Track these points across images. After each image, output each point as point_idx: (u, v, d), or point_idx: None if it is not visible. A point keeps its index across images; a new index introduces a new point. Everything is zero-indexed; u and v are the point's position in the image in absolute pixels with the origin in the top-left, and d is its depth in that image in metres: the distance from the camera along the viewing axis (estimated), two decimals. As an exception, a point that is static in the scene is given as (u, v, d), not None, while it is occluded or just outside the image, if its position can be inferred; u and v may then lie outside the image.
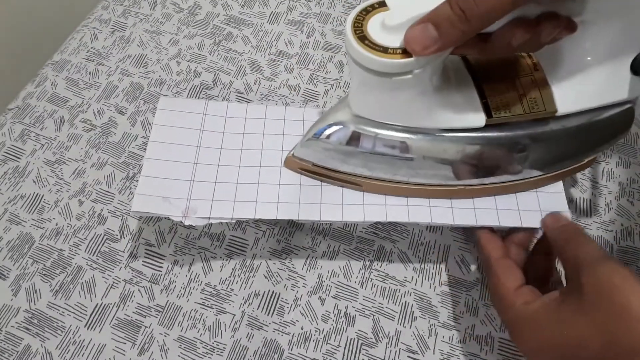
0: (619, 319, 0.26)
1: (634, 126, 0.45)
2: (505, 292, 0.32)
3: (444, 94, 0.32)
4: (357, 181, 0.35)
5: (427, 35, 0.26)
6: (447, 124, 0.33)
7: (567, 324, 0.28)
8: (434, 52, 0.26)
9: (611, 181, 0.42)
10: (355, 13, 0.29)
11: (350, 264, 0.39)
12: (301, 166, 0.36)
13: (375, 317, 0.37)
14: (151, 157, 0.36)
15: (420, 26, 0.26)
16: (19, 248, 0.38)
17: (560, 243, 0.33)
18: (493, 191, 0.36)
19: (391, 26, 0.27)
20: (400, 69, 0.28)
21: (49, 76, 0.46)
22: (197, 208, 0.34)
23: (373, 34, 0.28)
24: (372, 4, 0.29)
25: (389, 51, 0.27)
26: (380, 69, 0.28)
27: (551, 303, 0.29)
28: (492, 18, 0.26)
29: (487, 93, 0.33)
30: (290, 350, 0.36)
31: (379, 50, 0.27)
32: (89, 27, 0.49)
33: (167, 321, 0.36)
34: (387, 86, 0.29)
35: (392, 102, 0.31)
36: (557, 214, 0.35)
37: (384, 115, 0.32)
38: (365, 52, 0.27)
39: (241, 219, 0.35)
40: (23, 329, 0.36)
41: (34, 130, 0.43)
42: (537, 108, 0.33)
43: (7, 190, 0.40)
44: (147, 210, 0.34)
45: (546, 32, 0.27)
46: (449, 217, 0.35)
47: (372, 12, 0.29)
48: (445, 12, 0.25)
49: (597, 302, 0.27)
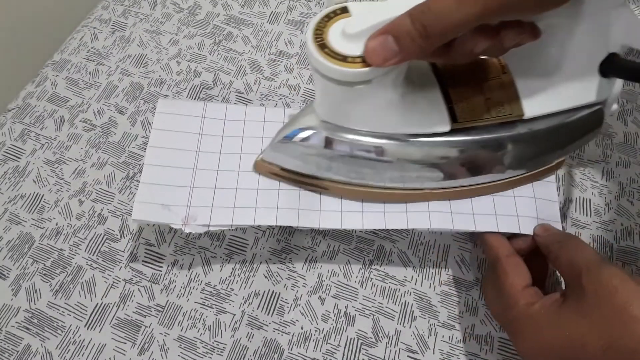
0: (619, 320, 0.26)
1: (634, 126, 0.45)
2: (511, 289, 0.32)
3: (409, 100, 0.32)
4: (324, 185, 0.35)
5: (387, 48, 0.25)
6: (412, 130, 0.33)
7: (568, 325, 0.28)
8: (394, 64, 0.26)
9: (611, 181, 0.42)
10: (316, 20, 0.28)
11: (350, 264, 0.39)
12: (270, 170, 0.35)
13: (375, 316, 0.37)
14: (150, 163, 0.36)
15: (381, 38, 0.25)
16: (19, 248, 0.38)
17: (553, 249, 0.33)
18: (465, 194, 0.36)
19: (351, 34, 0.27)
20: (359, 78, 0.27)
21: (49, 76, 0.46)
22: (197, 215, 0.34)
23: (333, 42, 0.27)
24: (335, 10, 0.28)
25: (348, 60, 0.27)
26: (339, 78, 0.27)
27: (552, 304, 0.30)
28: (453, 34, 0.25)
29: (453, 98, 0.33)
30: (290, 350, 0.36)
31: (338, 58, 0.27)
32: (89, 27, 0.49)
33: (167, 321, 0.36)
34: (348, 94, 0.29)
35: (356, 108, 0.31)
36: (547, 225, 0.36)
37: (349, 121, 0.32)
38: (324, 60, 0.27)
39: (241, 225, 0.35)
40: (23, 328, 0.36)
41: (34, 130, 0.43)
42: (503, 112, 0.33)
43: (7, 190, 0.40)
44: (147, 219, 0.34)
45: (508, 38, 0.27)
46: (448, 223, 0.35)
47: (334, 18, 0.28)
48: (406, 26, 0.25)
49: (598, 304, 0.27)
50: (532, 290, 0.31)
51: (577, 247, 0.31)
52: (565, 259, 0.31)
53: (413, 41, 0.25)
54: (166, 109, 0.38)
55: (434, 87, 0.33)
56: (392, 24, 0.25)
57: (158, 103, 0.38)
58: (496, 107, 0.33)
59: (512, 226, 0.35)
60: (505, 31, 0.27)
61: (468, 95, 0.33)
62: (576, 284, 0.29)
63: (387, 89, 0.30)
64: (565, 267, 0.31)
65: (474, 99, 0.33)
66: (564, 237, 0.33)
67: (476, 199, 0.36)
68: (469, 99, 0.33)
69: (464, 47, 0.27)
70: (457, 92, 0.33)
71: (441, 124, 0.32)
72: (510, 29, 0.27)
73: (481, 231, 0.35)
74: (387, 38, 0.25)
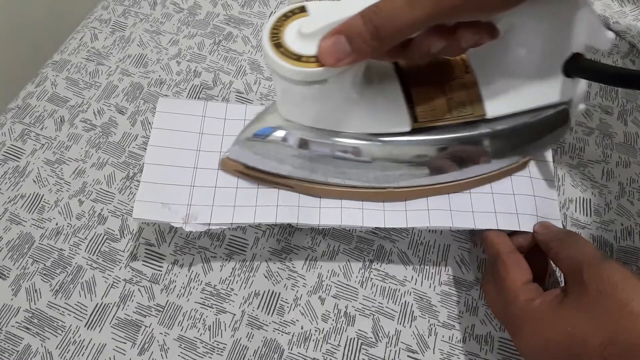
0: (619, 315, 0.26)
1: (634, 126, 0.45)
2: (512, 285, 0.32)
3: (369, 100, 0.32)
4: (290, 183, 0.35)
5: (340, 48, 0.25)
6: (373, 129, 0.33)
7: (569, 321, 0.28)
8: (347, 64, 0.26)
9: (611, 181, 0.42)
10: (274, 19, 0.28)
11: (350, 264, 0.39)
12: (234, 167, 0.36)
13: (375, 316, 0.37)
14: (151, 162, 0.36)
15: (333, 38, 0.25)
16: (19, 248, 0.38)
17: (553, 245, 0.33)
18: (424, 193, 0.36)
19: (306, 34, 0.27)
20: (313, 78, 0.27)
21: (49, 76, 0.46)
22: (198, 214, 0.34)
23: (289, 41, 0.27)
24: (293, 9, 0.28)
25: (303, 59, 0.27)
26: (294, 77, 0.27)
27: (553, 300, 0.30)
28: (405, 35, 0.25)
29: (415, 98, 0.33)
30: (290, 349, 0.36)
31: (292, 58, 0.27)
32: (89, 27, 0.49)
33: (167, 321, 0.36)
34: (304, 93, 0.29)
35: (314, 107, 0.31)
36: (546, 222, 0.36)
37: (309, 120, 0.32)
38: (278, 59, 0.27)
39: (241, 224, 0.35)
40: (23, 328, 0.36)
41: (34, 130, 0.43)
42: (464, 112, 0.33)
43: (7, 190, 0.40)
44: (148, 218, 0.34)
45: (465, 38, 0.27)
46: (447, 221, 0.35)
47: (291, 17, 0.28)
48: (358, 26, 0.25)
49: (599, 300, 0.27)
50: (532, 287, 0.31)
51: (577, 244, 0.31)
52: (566, 255, 0.31)
53: (365, 42, 0.25)
54: (166, 108, 0.38)
55: (395, 87, 0.33)
56: (345, 25, 0.25)
57: (158, 102, 0.38)
58: (458, 107, 0.33)
59: (512, 224, 0.35)
60: (462, 31, 0.27)
61: (430, 95, 0.33)
62: (577, 279, 0.29)
63: (345, 89, 0.30)
64: (566, 264, 0.31)
65: (436, 98, 0.33)
66: (564, 234, 0.34)
67: (476, 196, 0.36)
68: (431, 99, 0.33)
69: (420, 47, 0.27)
70: (418, 92, 0.33)
71: (402, 124, 0.32)
72: (467, 29, 0.27)
73: (481, 229, 0.35)
74: (339, 38, 0.25)
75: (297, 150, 0.33)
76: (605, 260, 0.29)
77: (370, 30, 0.24)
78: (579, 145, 0.44)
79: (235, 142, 0.35)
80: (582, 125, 0.45)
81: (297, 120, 0.32)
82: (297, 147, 0.33)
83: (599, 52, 0.49)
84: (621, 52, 0.49)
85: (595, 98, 0.46)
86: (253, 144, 0.34)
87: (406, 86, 0.33)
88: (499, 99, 0.33)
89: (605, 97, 0.46)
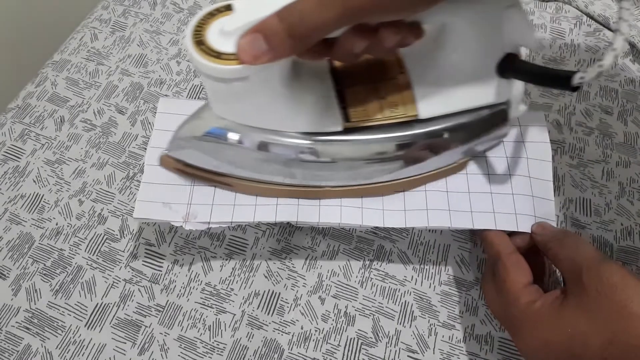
0: (619, 316, 0.27)
1: (634, 126, 0.45)
2: (512, 286, 0.32)
3: (302, 99, 0.32)
4: (228, 181, 0.35)
5: (256, 46, 0.25)
6: (305, 128, 0.33)
7: (569, 323, 0.28)
8: (266, 62, 0.26)
9: (611, 181, 0.42)
10: (199, 17, 0.28)
11: (350, 264, 0.39)
12: (174, 165, 0.35)
13: (375, 316, 0.37)
14: (151, 162, 0.36)
15: (251, 36, 0.25)
16: (19, 248, 0.38)
17: (552, 246, 0.33)
18: (359, 193, 0.36)
19: (228, 31, 0.27)
20: (233, 75, 0.27)
21: (49, 76, 0.46)
22: (198, 213, 0.35)
23: (211, 39, 0.27)
24: (219, 7, 0.28)
25: (223, 57, 0.27)
26: (213, 74, 0.27)
27: (553, 302, 0.30)
28: (319, 35, 0.25)
29: (348, 97, 0.33)
30: (290, 349, 0.36)
31: (212, 55, 0.27)
32: (89, 27, 0.49)
33: (167, 321, 0.36)
34: (227, 90, 0.29)
35: (241, 104, 0.31)
36: (544, 222, 0.36)
37: (239, 117, 0.32)
38: (198, 56, 0.27)
39: (241, 222, 0.35)
40: (23, 328, 0.36)
41: (34, 130, 0.43)
42: (397, 112, 0.33)
43: (7, 190, 0.40)
44: (149, 217, 0.34)
45: (387, 39, 0.27)
46: (446, 221, 0.35)
47: (217, 15, 0.28)
48: (274, 25, 0.25)
49: (599, 301, 0.28)
50: (533, 288, 0.32)
51: (576, 245, 0.31)
52: (565, 256, 0.31)
53: (281, 41, 0.25)
54: (167, 109, 0.38)
55: (328, 86, 0.33)
56: (262, 23, 0.25)
57: (159, 102, 0.38)
58: (391, 107, 0.33)
59: (510, 224, 0.35)
60: (383, 31, 0.27)
61: (363, 95, 0.33)
62: (577, 281, 0.29)
63: (271, 86, 0.30)
64: (565, 265, 0.31)
65: (369, 99, 0.33)
66: (563, 234, 0.33)
67: (475, 196, 0.36)
68: (364, 99, 0.33)
69: (343, 46, 0.27)
70: (352, 91, 0.33)
71: (333, 123, 0.32)
72: (388, 29, 0.27)
73: (479, 228, 0.35)
74: (257, 36, 0.25)
75: (232, 148, 0.33)
76: (605, 262, 0.29)
77: (285, 29, 0.25)
78: (579, 145, 0.44)
79: (172, 139, 0.34)
80: (582, 125, 0.45)
81: (228, 118, 0.32)
82: (232, 144, 0.33)
83: (597, 51, 0.49)
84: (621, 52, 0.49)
85: (595, 98, 0.46)
86: (189, 142, 0.34)
87: (340, 86, 0.33)
88: (433, 99, 0.33)
89: (605, 97, 0.46)
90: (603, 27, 0.50)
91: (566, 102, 0.46)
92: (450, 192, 0.37)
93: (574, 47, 0.49)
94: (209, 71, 0.27)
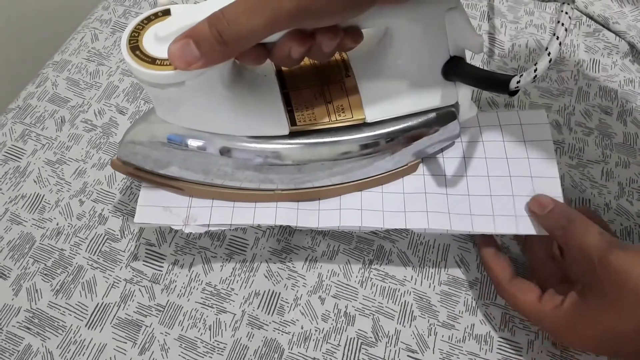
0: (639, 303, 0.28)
1: (634, 126, 0.45)
2: (529, 307, 0.33)
3: (248, 102, 0.32)
4: (180, 185, 0.35)
5: (188, 52, 0.25)
6: (251, 132, 0.32)
7: (597, 319, 0.29)
8: (198, 68, 0.26)
9: (611, 181, 0.42)
10: (135, 22, 0.28)
11: (350, 264, 0.39)
12: (125, 170, 0.35)
13: (375, 316, 0.37)
14: None
15: (182, 42, 0.25)
16: (20, 248, 0.38)
17: (558, 234, 0.33)
18: (313, 195, 0.36)
19: (162, 36, 0.27)
20: (168, 81, 0.27)
21: (49, 76, 0.46)
22: (198, 215, 0.35)
23: (146, 44, 0.27)
24: (157, 12, 0.28)
25: (157, 62, 0.27)
26: (148, 80, 0.27)
27: (576, 303, 0.30)
28: (250, 41, 0.25)
29: (294, 101, 0.33)
30: (290, 349, 0.36)
31: (147, 61, 0.27)
32: (89, 28, 0.49)
33: (167, 320, 0.36)
34: (164, 95, 0.29)
35: (181, 109, 0.31)
36: (541, 198, 0.34)
37: (184, 121, 0.32)
38: (132, 62, 0.27)
39: (240, 225, 0.35)
40: (24, 328, 0.36)
41: (35, 131, 0.43)
42: (344, 116, 0.33)
43: (8, 190, 0.40)
44: (149, 222, 0.34)
45: (324, 44, 0.27)
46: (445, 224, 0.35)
47: (154, 20, 0.28)
48: (204, 31, 0.25)
49: (617, 292, 0.28)
50: (547, 296, 0.32)
51: (583, 233, 0.31)
52: (574, 247, 0.31)
53: (212, 47, 0.25)
54: None
55: (274, 90, 0.33)
56: (193, 29, 0.25)
57: None
58: (337, 111, 0.33)
59: (509, 227, 0.35)
60: (320, 36, 0.27)
61: (309, 99, 0.33)
62: (591, 272, 0.30)
63: (211, 90, 0.29)
64: (575, 255, 0.31)
65: (315, 102, 0.33)
66: (566, 219, 0.33)
67: (474, 198, 0.36)
68: (310, 103, 0.33)
69: (281, 51, 0.27)
70: (298, 95, 0.33)
71: (279, 127, 0.32)
72: (324, 35, 0.27)
73: (478, 232, 0.35)
74: (188, 42, 0.25)
75: (179, 152, 0.32)
76: (612, 250, 0.29)
77: (215, 35, 0.24)
78: (579, 145, 0.44)
79: (121, 143, 0.34)
80: (582, 125, 0.45)
81: (174, 122, 0.32)
82: (179, 148, 0.32)
83: (597, 52, 0.49)
84: (621, 53, 0.49)
85: (594, 98, 0.47)
86: (136, 145, 0.33)
87: (286, 89, 0.33)
88: (380, 103, 0.33)
89: (604, 98, 0.47)
90: (603, 28, 0.50)
91: (565, 103, 0.46)
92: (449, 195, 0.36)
93: (573, 48, 0.49)
94: (143, 77, 0.27)
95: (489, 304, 0.37)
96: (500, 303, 0.37)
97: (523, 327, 0.36)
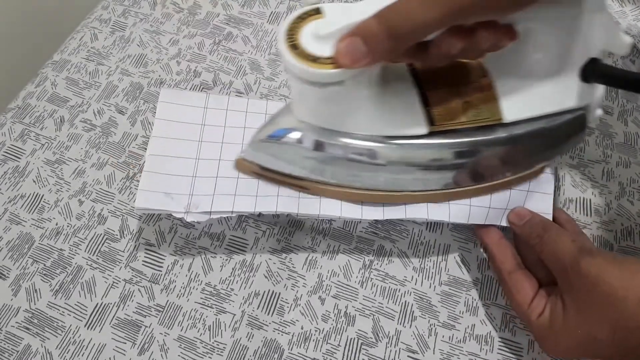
0: (610, 306, 0.28)
1: (634, 126, 0.45)
2: (519, 309, 0.33)
3: (386, 102, 0.32)
4: (306, 185, 0.35)
5: (356, 50, 0.25)
6: (389, 132, 0.32)
7: (576, 327, 0.29)
8: (364, 65, 0.26)
9: (611, 181, 0.42)
10: (289, 21, 0.28)
11: (350, 264, 0.39)
12: (250, 169, 0.35)
13: (375, 316, 0.37)
14: (153, 153, 0.36)
15: (349, 40, 0.26)
16: (19, 248, 0.38)
17: (533, 243, 0.34)
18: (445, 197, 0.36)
19: (323, 35, 0.27)
20: (330, 79, 0.27)
21: (49, 76, 0.46)
22: (199, 203, 0.35)
23: (305, 43, 0.27)
24: (308, 11, 0.29)
25: (319, 61, 0.27)
26: (311, 79, 0.28)
27: (557, 310, 0.31)
28: (420, 35, 0.25)
29: (432, 100, 0.33)
30: (290, 350, 0.36)
31: (309, 59, 0.27)
32: (88, 27, 0.49)
33: (167, 321, 0.36)
34: (321, 95, 0.29)
35: (330, 109, 0.31)
36: (518, 210, 0.36)
37: (324, 122, 0.32)
38: (295, 61, 0.27)
39: (242, 212, 0.35)
40: (23, 328, 0.36)
41: (34, 130, 0.43)
42: (481, 116, 0.33)
43: (7, 190, 0.40)
44: (150, 207, 0.34)
45: (484, 40, 0.27)
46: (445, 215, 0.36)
47: (307, 19, 0.28)
48: (373, 27, 0.25)
49: (588, 297, 0.29)
50: (536, 301, 0.32)
51: (555, 240, 0.32)
52: (549, 254, 0.32)
53: (381, 43, 0.25)
54: (169, 99, 0.38)
55: (411, 89, 0.33)
56: (361, 26, 0.25)
57: (161, 92, 0.39)
58: (475, 110, 0.33)
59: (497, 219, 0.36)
60: (480, 32, 0.27)
61: (446, 98, 0.33)
62: (565, 279, 0.30)
63: (361, 91, 0.30)
64: (550, 262, 0.32)
65: (453, 102, 0.33)
66: (541, 228, 0.34)
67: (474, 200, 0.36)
68: (448, 102, 0.33)
69: (439, 48, 0.27)
70: (435, 94, 0.33)
71: (418, 126, 0.32)
72: (485, 30, 0.27)
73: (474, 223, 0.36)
74: (355, 40, 0.25)
75: (312, 152, 0.33)
76: (582, 256, 0.30)
77: (386, 31, 0.25)
78: (579, 145, 0.44)
79: (250, 143, 0.35)
80: (582, 125, 0.45)
81: (312, 122, 0.32)
82: (313, 149, 0.33)
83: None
84: (621, 52, 0.49)
85: (595, 98, 0.46)
86: (267, 145, 0.34)
87: (422, 89, 0.33)
88: (516, 103, 0.33)
89: (605, 97, 0.46)
90: None
91: (566, 102, 0.46)
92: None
93: None
94: (305, 75, 0.27)
95: (489, 304, 0.37)
96: (501, 303, 0.37)
97: (524, 327, 0.36)
